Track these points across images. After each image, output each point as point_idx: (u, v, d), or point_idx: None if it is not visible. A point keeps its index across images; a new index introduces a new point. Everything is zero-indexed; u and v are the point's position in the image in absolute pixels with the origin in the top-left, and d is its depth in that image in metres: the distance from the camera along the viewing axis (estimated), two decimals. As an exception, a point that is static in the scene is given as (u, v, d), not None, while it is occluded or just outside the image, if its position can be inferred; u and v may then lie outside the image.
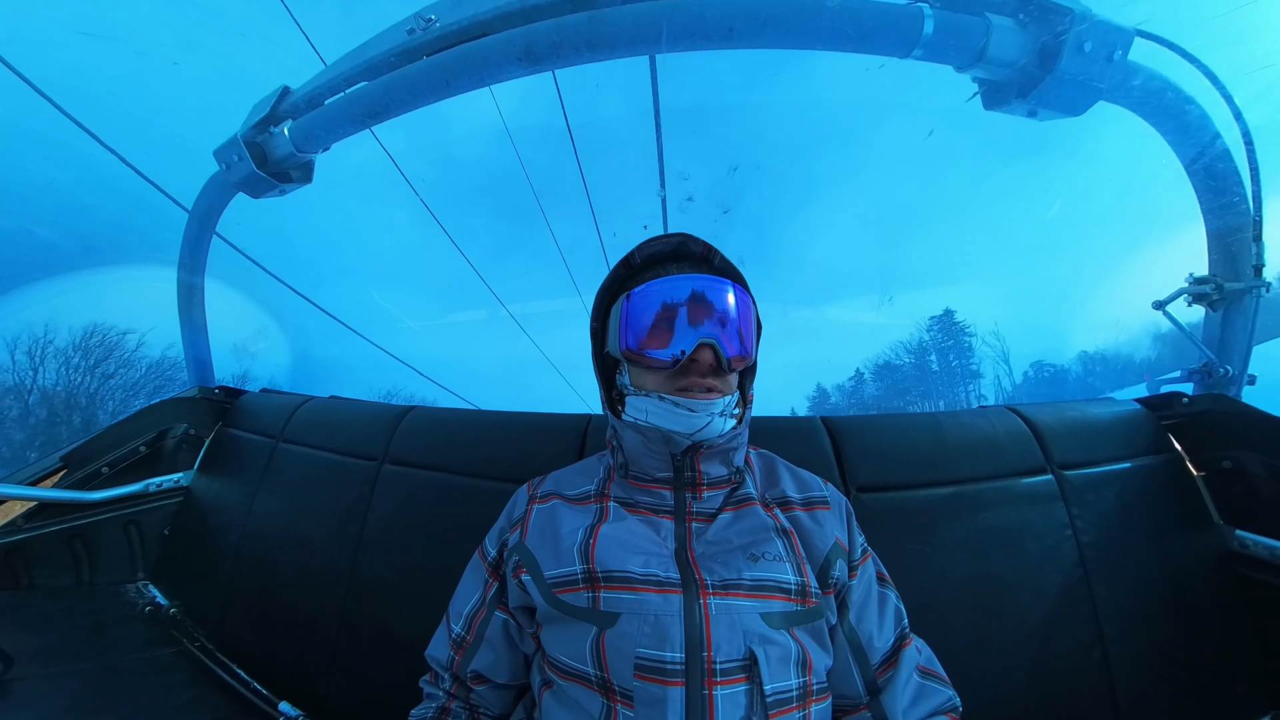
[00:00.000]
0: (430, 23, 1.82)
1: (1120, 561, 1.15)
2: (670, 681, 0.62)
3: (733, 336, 0.76)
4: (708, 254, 0.83)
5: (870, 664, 0.74)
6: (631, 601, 0.67)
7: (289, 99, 2.17)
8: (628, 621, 0.66)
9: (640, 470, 0.80)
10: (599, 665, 0.66)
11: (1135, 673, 1.07)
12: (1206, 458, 1.25)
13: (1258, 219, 1.49)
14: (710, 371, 0.75)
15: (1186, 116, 1.53)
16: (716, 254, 0.82)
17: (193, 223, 2.45)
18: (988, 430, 1.27)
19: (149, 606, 1.59)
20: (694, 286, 0.76)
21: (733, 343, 0.76)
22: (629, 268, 0.85)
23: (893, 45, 1.72)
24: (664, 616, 0.65)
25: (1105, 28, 1.54)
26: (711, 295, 0.76)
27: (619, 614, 0.67)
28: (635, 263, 0.84)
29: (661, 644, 0.64)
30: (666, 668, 0.63)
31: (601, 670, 0.65)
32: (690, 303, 0.75)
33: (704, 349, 0.74)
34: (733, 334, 0.76)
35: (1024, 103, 1.70)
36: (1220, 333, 1.56)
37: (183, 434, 1.91)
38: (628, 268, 0.85)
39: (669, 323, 0.75)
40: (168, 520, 1.82)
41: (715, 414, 0.75)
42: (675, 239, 0.83)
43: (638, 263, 0.84)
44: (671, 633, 0.64)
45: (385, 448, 1.53)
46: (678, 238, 0.83)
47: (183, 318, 2.40)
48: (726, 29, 1.80)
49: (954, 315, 33.99)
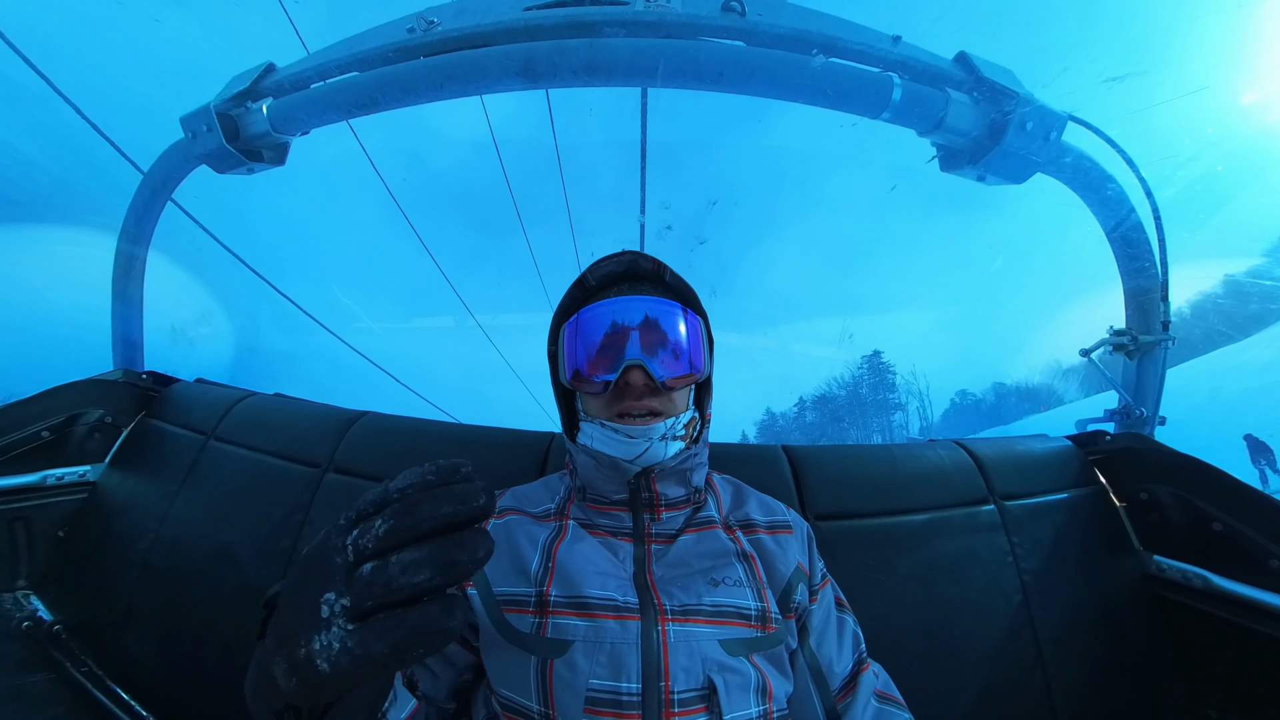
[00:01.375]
0: (432, 25, 1.84)
1: (1056, 586, 1.23)
2: (626, 714, 0.60)
3: (667, 356, 0.74)
4: (658, 270, 0.83)
5: (830, 689, 0.74)
6: (586, 628, 0.65)
7: (272, 76, 2.09)
8: (580, 651, 0.63)
9: (596, 493, 0.79)
10: (543, 700, 0.62)
11: (1071, 690, 1.14)
12: (1127, 490, 1.38)
13: (1164, 282, 1.73)
14: (646, 393, 0.74)
15: (1107, 192, 1.81)
16: (667, 270, 0.83)
17: (145, 189, 2.26)
18: (937, 462, 1.36)
19: (27, 622, 1.36)
20: (625, 310, 0.76)
21: (667, 362, 0.74)
22: (584, 289, 0.84)
23: (865, 106, 1.91)
24: (620, 645, 0.63)
25: (1044, 111, 1.81)
26: (643, 317, 0.75)
27: (570, 642, 0.64)
28: (590, 284, 0.84)
29: (617, 674, 0.61)
30: (622, 699, 0.60)
31: (546, 706, 0.61)
32: (621, 327, 0.75)
33: (633, 371, 0.73)
34: (668, 353, 0.75)
35: (974, 168, 1.94)
36: (1136, 379, 1.78)
37: (97, 421, 1.69)
38: (583, 289, 0.84)
39: (603, 349, 0.75)
40: (65, 520, 1.58)
41: (654, 439, 0.74)
42: (626, 258, 0.83)
43: (592, 284, 0.84)
44: (628, 662, 0.62)
45: (331, 454, 1.43)
46: (629, 256, 0.83)
47: (116, 290, 2.16)
48: (717, 73, 1.93)
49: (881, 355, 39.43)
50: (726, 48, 1.91)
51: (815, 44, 1.85)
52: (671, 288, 0.83)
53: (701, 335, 0.80)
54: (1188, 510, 1.27)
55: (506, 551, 0.74)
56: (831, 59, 1.88)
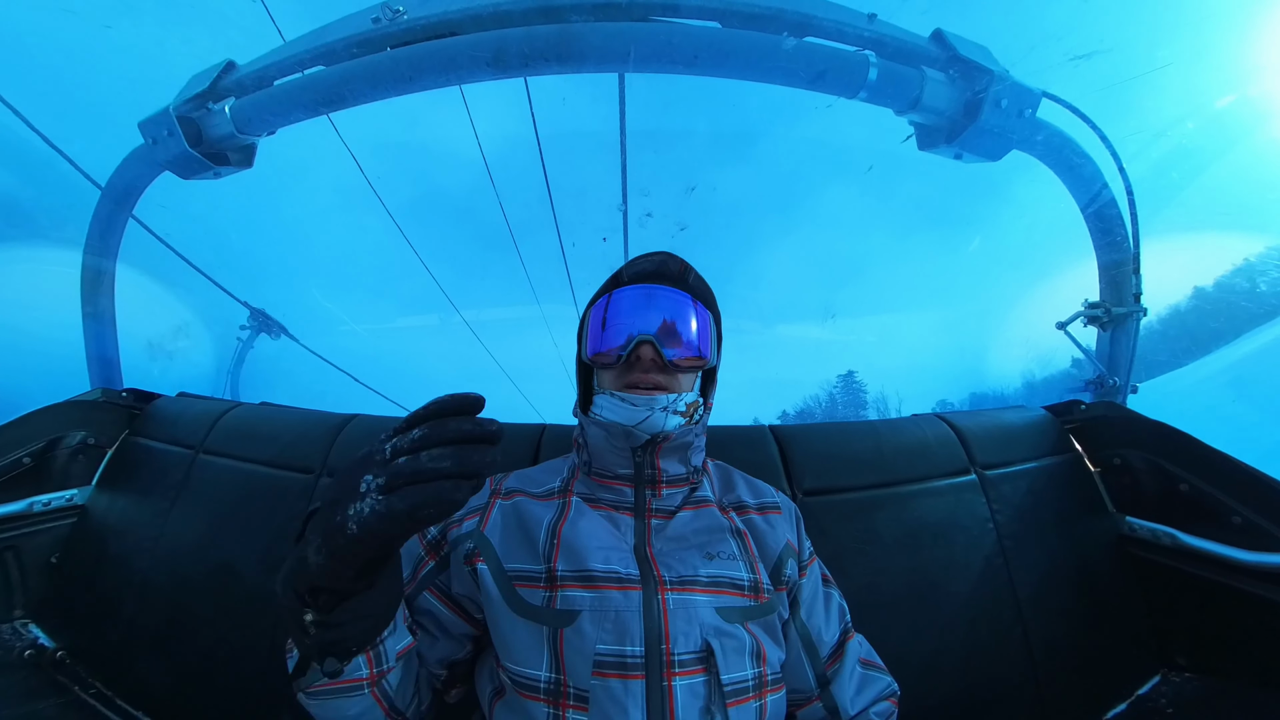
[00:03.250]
0: (398, 14, 1.77)
1: (1033, 548, 1.30)
2: (631, 675, 0.64)
3: (676, 339, 0.82)
4: (684, 272, 0.90)
5: (820, 657, 0.80)
6: (591, 599, 0.69)
7: (233, 75, 2.00)
8: (587, 620, 0.67)
9: (603, 466, 0.84)
10: (555, 667, 0.66)
11: (1049, 646, 1.21)
12: (1101, 456, 1.45)
13: (1136, 255, 1.79)
14: (654, 368, 0.81)
15: (1081, 169, 1.84)
16: (691, 272, 0.90)
17: (106, 201, 2.16)
18: (919, 435, 1.40)
19: (29, 650, 1.35)
20: (642, 293, 0.85)
21: (675, 344, 0.81)
22: (617, 282, 0.92)
23: (841, 86, 1.90)
24: (624, 613, 0.67)
25: (1018, 89, 1.82)
26: (659, 302, 0.83)
27: (578, 612, 0.68)
28: (623, 279, 0.91)
29: (622, 639, 0.66)
30: (627, 661, 0.65)
31: (557, 672, 0.66)
32: (638, 308, 0.83)
33: (643, 345, 0.80)
34: (676, 336, 0.82)
35: (951, 147, 1.95)
36: (1109, 349, 1.84)
37: (79, 443, 1.65)
38: (616, 282, 0.92)
39: (621, 327, 0.83)
40: (56, 546, 1.56)
41: (657, 408, 0.79)
42: (658, 258, 0.90)
43: (625, 279, 0.91)
44: (631, 628, 0.66)
45: (324, 459, 1.42)
46: (660, 256, 0.90)
47: (86, 308, 2.09)
48: (691, 56, 1.90)
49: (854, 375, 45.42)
50: (700, 30, 1.87)
51: (790, 23, 1.82)
52: (693, 288, 0.90)
53: (711, 329, 0.87)
54: (1157, 473, 1.34)
55: (516, 530, 0.78)
56: (806, 38, 1.86)
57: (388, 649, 0.62)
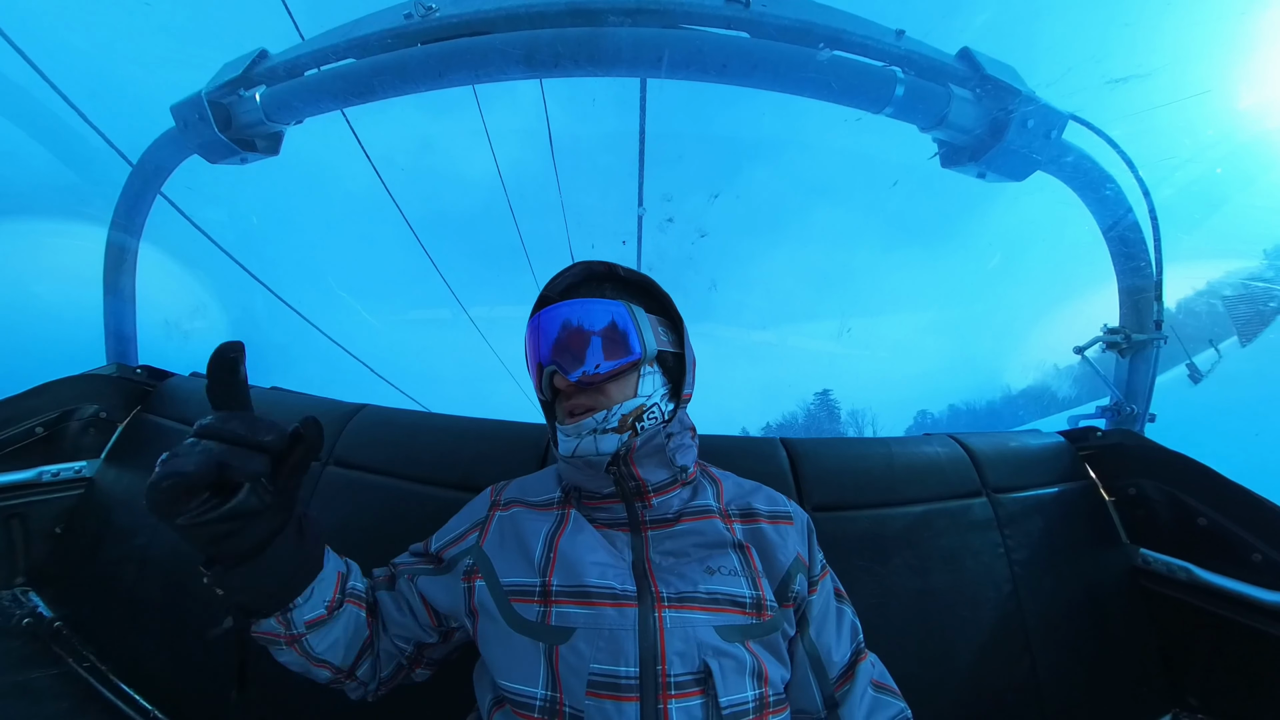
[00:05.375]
0: (430, 11, 1.79)
1: (1044, 577, 1.27)
2: (624, 697, 0.62)
3: (574, 357, 0.76)
4: (610, 271, 0.86)
5: (829, 678, 0.76)
6: (586, 616, 0.67)
7: (265, 63, 2.03)
8: (582, 637, 0.66)
9: (588, 491, 0.81)
10: (551, 684, 0.64)
11: (1058, 679, 1.18)
12: (1116, 485, 1.42)
13: (1159, 281, 1.77)
14: (576, 392, 0.77)
15: (1105, 191, 1.83)
16: (619, 267, 0.86)
17: (135, 179, 2.20)
18: (932, 456, 1.38)
19: (27, 618, 1.35)
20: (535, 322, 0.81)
21: (575, 363, 0.76)
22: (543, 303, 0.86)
23: (869, 101, 1.91)
24: (618, 631, 0.66)
25: (1046, 110, 1.81)
26: (549, 326, 0.78)
27: (573, 629, 0.66)
28: (550, 298, 0.86)
29: (615, 658, 0.64)
30: (620, 682, 0.63)
31: (553, 690, 0.64)
32: (537, 337, 0.80)
33: (554, 376, 0.77)
34: (574, 354, 0.76)
35: (975, 165, 1.94)
36: (1128, 376, 1.82)
37: (91, 416, 1.66)
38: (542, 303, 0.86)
39: (531, 363, 0.82)
40: (61, 516, 1.56)
41: (583, 435, 0.76)
42: (579, 268, 0.86)
43: (552, 298, 0.86)
44: (626, 647, 0.64)
45: (331, 447, 1.41)
46: (580, 266, 0.86)
47: (108, 283, 2.12)
48: (721, 64, 1.91)
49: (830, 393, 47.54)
50: (731, 39, 1.89)
51: (819, 36, 1.83)
52: (627, 282, 0.86)
53: (634, 320, 0.79)
54: (1174, 505, 1.31)
55: (513, 543, 0.76)
56: (835, 52, 1.87)
57: (294, 618, 0.67)
